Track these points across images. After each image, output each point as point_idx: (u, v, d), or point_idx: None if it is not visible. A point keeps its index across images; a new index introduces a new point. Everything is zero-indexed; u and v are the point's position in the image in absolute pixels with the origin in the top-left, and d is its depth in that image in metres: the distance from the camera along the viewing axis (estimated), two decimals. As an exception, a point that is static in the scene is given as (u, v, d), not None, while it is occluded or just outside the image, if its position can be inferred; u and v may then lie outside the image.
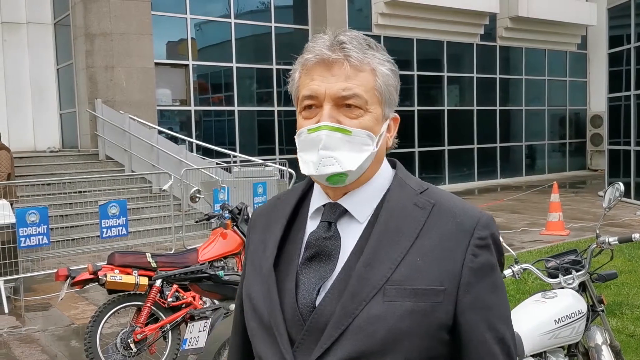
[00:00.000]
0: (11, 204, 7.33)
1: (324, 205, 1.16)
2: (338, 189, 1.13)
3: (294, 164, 7.70)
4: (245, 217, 5.08)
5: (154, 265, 4.36)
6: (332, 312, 1.06)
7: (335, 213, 1.13)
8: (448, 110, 18.00)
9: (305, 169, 1.12)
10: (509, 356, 1.11)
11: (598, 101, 20.26)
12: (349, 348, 1.04)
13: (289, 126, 14.44)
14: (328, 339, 1.05)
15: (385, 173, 1.17)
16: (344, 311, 1.05)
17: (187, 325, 4.13)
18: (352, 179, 1.11)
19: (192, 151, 12.22)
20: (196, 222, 6.18)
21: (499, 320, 1.10)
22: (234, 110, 14.26)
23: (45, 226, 6.91)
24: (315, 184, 1.20)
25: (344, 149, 1.08)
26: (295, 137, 1.15)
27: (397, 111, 1.22)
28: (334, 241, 1.11)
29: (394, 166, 1.20)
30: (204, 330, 3.84)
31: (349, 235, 1.12)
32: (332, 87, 1.08)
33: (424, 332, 1.04)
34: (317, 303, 1.08)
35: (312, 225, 1.17)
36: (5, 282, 6.59)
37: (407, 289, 1.04)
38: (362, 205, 1.12)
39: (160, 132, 11.95)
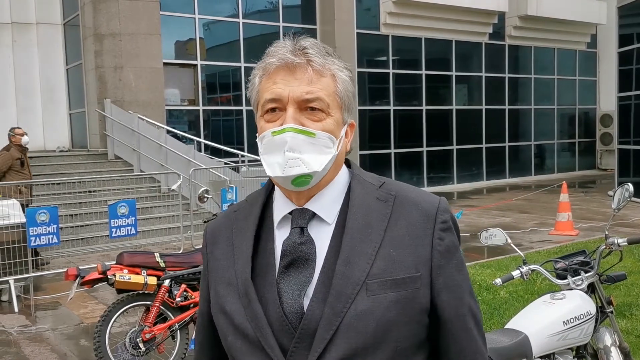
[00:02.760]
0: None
1: (290, 213, 1.16)
2: (302, 194, 1.14)
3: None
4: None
5: (162, 265, 4.38)
6: (321, 315, 1.06)
7: (305, 218, 1.14)
8: (456, 109, 17.94)
9: (270, 171, 1.12)
10: (478, 324, 1.20)
11: (608, 100, 20.15)
12: (343, 347, 1.05)
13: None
14: (321, 342, 1.06)
15: (345, 174, 1.20)
16: (332, 311, 1.06)
17: (195, 325, 4.14)
18: (316, 181, 1.13)
19: (200, 151, 12.25)
20: (204, 222, 6.19)
21: (468, 295, 1.19)
22: (242, 110, 14.29)
23: (55, 225, 6.95)
24: (277, 193, 1.20)
25: (309, 151, 1.10)
26: (257, 140, 1.16)
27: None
28: (309, 245, 1.12)
29: (348, 165, 1.23)
30: (212, 330, 3.85)
31: (321, 237, 1.14)
32: (295, 91, 1.10)
33: (409, 318, 1.09)
34: (305, 309, 1.08)
35: (280, 234, 1.17)
36: (16, 281, 6.64)
37: (387, 281, 1.08)
38: (328, 207, 1.15)
39: (168, 132, 12.00)
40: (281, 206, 1.18)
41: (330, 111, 1.12)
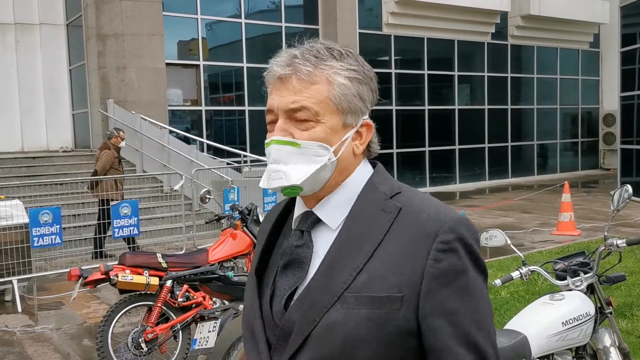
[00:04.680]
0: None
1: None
2: (311, 197, 1.14)
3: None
4: (255, 217, 5.10)
5: (164, 265, 4.40)
6: (297, 319, 1.09)
7: (307, 221, 1.15)
8: (459, 109, 17.93)
9: (260, 181, 1.15)
10: None
11: (611, 100, 20.12)
12: (310, 355, 1.06)
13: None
14: (293, 346, 1.08)
15: (360, 178, 1.15)
16: (304, 319, 1.07)
17: (197, 325, 4.16)
18: (312, 189, 1.12)
19: (202, 151, 12.26)
20: (206, 222, 6.21)
21: (470, 326, 1.05)
22: (244, 110, 14.31)
23: (57, 226, 6.98)
24: None
25: (295, 162, 1.09)
26: None
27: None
28: (305, 249, 1.13)
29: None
30: (213, 331, 3.87)
31: (323, 242, 1.13)
32: (282, 101, 1.10)
33: (383, 339, 1.04)
34: (287, 310, 1.11)
35: None
36: (19, 281, 6.67)
37: (364, 297, 1.04)
38: (333, 212, 1.13)
39: (171, 132, 12.02)
40: (298, 206, 1.19)
41: (320, 118, 1.09)
